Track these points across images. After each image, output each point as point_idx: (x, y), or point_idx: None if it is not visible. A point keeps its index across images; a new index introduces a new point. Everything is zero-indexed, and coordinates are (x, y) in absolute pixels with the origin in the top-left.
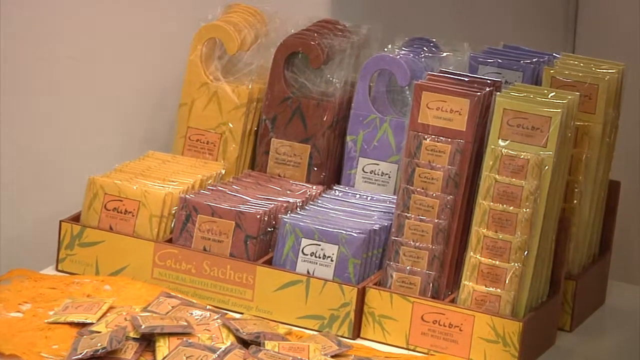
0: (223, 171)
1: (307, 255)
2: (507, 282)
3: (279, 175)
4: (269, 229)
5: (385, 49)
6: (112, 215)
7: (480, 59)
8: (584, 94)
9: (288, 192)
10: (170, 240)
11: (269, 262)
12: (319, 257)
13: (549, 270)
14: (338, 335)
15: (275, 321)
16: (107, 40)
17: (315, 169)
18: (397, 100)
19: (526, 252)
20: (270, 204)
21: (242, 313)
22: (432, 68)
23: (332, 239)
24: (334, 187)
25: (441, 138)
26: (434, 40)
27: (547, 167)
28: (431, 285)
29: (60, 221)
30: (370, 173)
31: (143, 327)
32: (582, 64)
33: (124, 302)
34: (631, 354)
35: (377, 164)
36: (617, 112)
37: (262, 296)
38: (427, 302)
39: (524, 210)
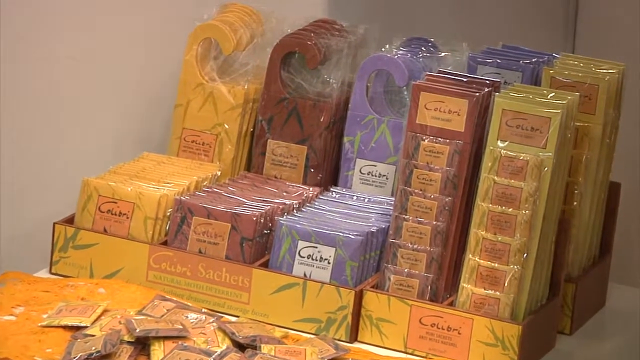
0: (219, 173)
1: (303, 257)
2: (506, 284)
3: (275, 177)
4: (265, 231)
5: (383, 49)
6: (107, 217)
7: (479, 59)
8: (583, 95)
9: (284, 193)
10: (165, 243)
11: (265, 265)
12: (316, 260)
13: (548, 272)
14: (335, 339)
15: (272, 324)
16: (102, 41)
17: (312, 170)
18: (395, 101)
19: (525, 254)
20: (267, 205)
21: (238, 316)
22: (431, 68)
23: (329, 241)
24: (331, 189)
25: (439, 139)
26: (432, 40)
27: (546, 169)
28: (429, 288)
29: (54, 223)
30: (368, 174)
31: (138, 330)
32: (582, 64)
33: (118, 305)
34: (632, 357)
35: (375, 165)
36: (617, 112)
37: (258, 299)
38: (425, 305)
39: (523, 212)
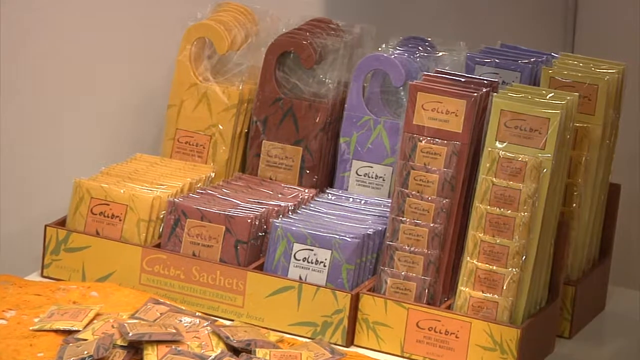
0: (213, 174)
1: (299, 260)
2: (504, 287)
3: (270, 179)
4: (260, 234)
5: (380, 49)
6: (99, 219)
7: (477, 59)
8: (583, 95)
9: (279, 195)
10: (158, 245)
11: (260, 268)
12: (312, 263)
13: (547, 275)
14: (331, 343)
15: (267, 328)
16: (94, 41)
17: (308, 171)
18: (392, 101)
19: (524, 256)
20: (262, 207)
21: (232, 320)
22: (428, 68)
23: (324, 244)
24: (327, 191)
25: (437, 140)
26: (429, 39)
27: (545, 170)
28: (427, 291)
29: (46, 226)
30: (364, 176)
31: (131, 334)
32: (581, 64)
33: (111, 309)
34: None
35: (371, 167)
36: (617, 113)
37: (253, 303)
38: (423, 308)
39: (522, 214)
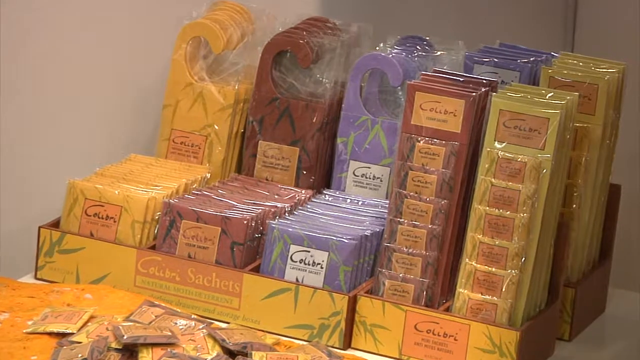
0: (208, 175)
1: (296, 262)
2: (503, 289)
3: (267, 179)
4: (256, 235)
5: (377, 48)
6: (93, 221)
7: (476, 58)
8: (583, 95)
9: (276, 196)
10: (153, 247)
11: (256, 270)
12: (309, 264)
13: (547, 277)
14: (328, 346)
15: (263, 331)
16: (88, 40)
17: (305, 172)
18: (390, 101)
19: (523, 258)
20: (258, 209)
21: (228, 322)
22: (426, 67)
23: (322, 246)
24: (324, 192)
25: (435, 140)
26: (427, 38)
27: (545, 171)
28: (425, 293)
29: (39, 227)
30: (362, 177)
31: (125, 337)
32: (581, 64)
33: (105, 312)
34: None
35: (369, 167)
36: (617, 113)
37: (249, 305)
38: (421, 310)
39: (521, 215)
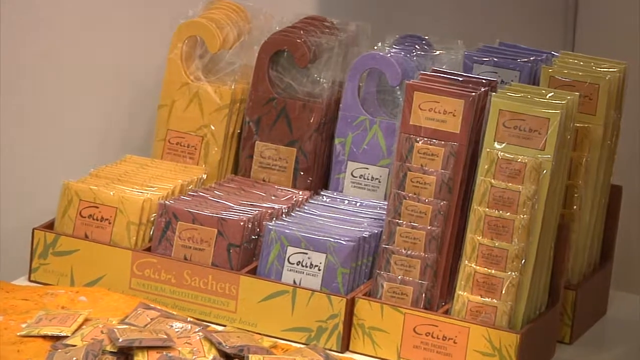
0: (204, 176)
1: (293, 264)
2: (503, 292)
3: (264, 180)
4: (253, 237)
5: (375, 47)
6: (88, 222)
7: (475, 58)
8: (583, 94)
9: (273, 197)
10: (148, 249)
11: (253, 272)
12: (306, 267)
13: (547, 279)
14: (326, 349)
15: (260, 334)
16: (82, 39)
17: (302, 173)
18: (388, 101)
19: (523, 260)
20: (255, 210)
21: (225, 325)
22: (425, 67)
23: (319, 247)
24: (322, 193)
25: (434, 141)
26: (426, 37)
27: (545, 171)
28: (424, 295)
29: (33, 229)
30: (360, 177)
31: (120, 340)
32: (582, 63)
33: (100, 314)
34: None
35: (367, 168)
36: (618, 113)
37: (246, 307)
38: (420, 313)
39: (521, 216)
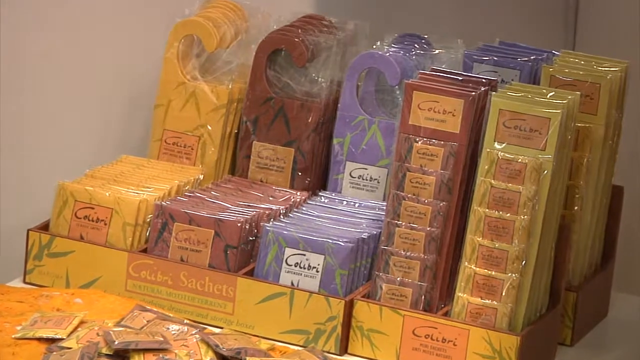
0: (201, 176)
1: (291, 265)
2: (503, 293)
3: (261, 181)
4: (251, 238)
5: (374, 46)
6: (83, 223)
7: (475, 57)
8: (585, 94)
9: (271, 198)
10: (145, 250)
11: (250, 273)
12: (304, 268)
13: (548, 280)
14: (324, 351)
15: (258, 336)
16: (78, 39)
17: (300, 173)
18: (387, 101)
19: (524, 261)
20: (252, 211)
21: (222, 327)
22: (424, 66)
23: (317, 249)
24: (320, 193)
25: (433, 141)
26: (425, 36)
27: (546, 172)
28: (423, 297)
29: (28, 230)
30: (358, 178)
31: (116, 342)
32: (583, 62)
33: (96, 316)
34: None
35: (366, 169)
36: (620, 113)
37: (243, 309)
38: (419, 315)
39: (522, 217)
